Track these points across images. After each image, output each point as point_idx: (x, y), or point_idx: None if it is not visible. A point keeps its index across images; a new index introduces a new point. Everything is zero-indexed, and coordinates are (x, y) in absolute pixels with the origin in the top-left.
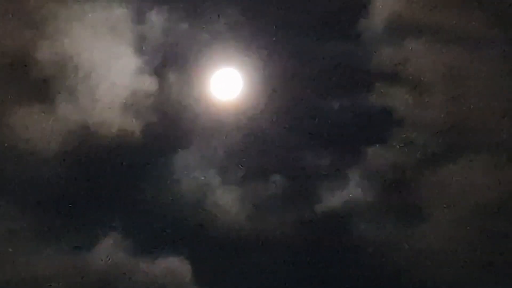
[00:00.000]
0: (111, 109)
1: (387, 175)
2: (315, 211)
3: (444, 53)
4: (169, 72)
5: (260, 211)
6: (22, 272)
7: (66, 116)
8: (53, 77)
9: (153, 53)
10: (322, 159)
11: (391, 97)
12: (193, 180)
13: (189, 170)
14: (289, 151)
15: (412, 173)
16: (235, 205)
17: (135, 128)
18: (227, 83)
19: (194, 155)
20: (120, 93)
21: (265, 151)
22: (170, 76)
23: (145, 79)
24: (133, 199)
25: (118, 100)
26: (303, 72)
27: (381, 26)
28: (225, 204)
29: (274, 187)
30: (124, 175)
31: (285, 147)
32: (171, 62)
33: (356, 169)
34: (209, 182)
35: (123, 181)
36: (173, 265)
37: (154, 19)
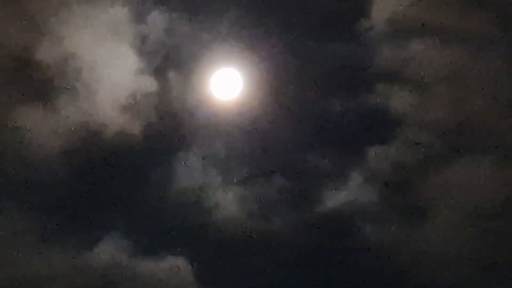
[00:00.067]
0: (112, 109)
1: (389, 176)
2: (317, 212)
3: (446, 53)
4: (169, 72)
5: (261, 211)
6: (25, 272)
7: (68, 116)
8: (54, 78)
9: (154, 53)
10: (324, 160)
11: (393, 97)
12: (194, 180)
13: (190, 170)
14: (291, 152)
15: (415, 174)
16: (236, 206)
17: (136, 128)
18: (227, 83)
19: (195, 155)
20: (121, 93)
21: (266, 152)
22: (170, 76)
23: (146, 79)
24: (134, 199)
25: (119, 101)
26: (304, 73)
27: (383, 26)
28: (226, 204)
29: (276, 188)
30: (125, 175)
31: (287, 148)
32: (171, 62)
33: (358, 169)
34: (210, 182)
35: (124, 181)
36: (174, 265)
37: (155, 19)
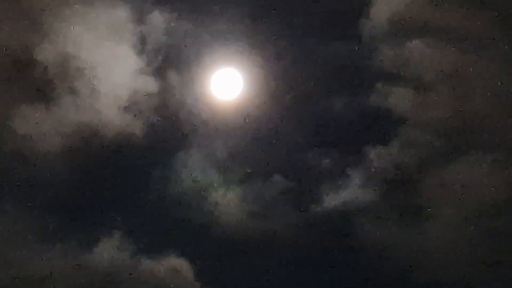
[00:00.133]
0: (113, 109)
1: (390, 175)
2: (317, 212)
3: (446, 53)
4: (170, 72)
5: (262, 211)
6: (25, 272)
7: (68, 116)
8: (55, 78)
9: (154, 53)
10: (325, 159)
11: (394, 97)
12: (195, 180)
13: (191, 170)
14: (291, 151)
15: (415, 173)
16: (237, 205)
17: (136, 128)
18: (227, 83)
19: (196, 155)
20: (122, 93)
21: (267, 151)
22: (171, 76)
23: (146, 79)
24: (135, 199)
25: (120, 101)
26: (305, 72)
27: (383, 26)
28: (227, 204)
29: (276, 188)
30: (126, 175)
31: (287, 147)
32: (172, 63)
33: (358, 169)
34: (210, 182)
35: (124, 181)
36: (175, 264)
37: (155, 20)
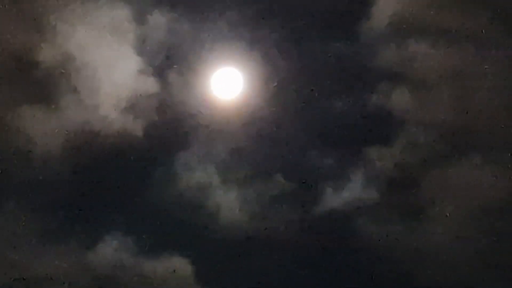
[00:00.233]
0: (114, 109)
1: (391, 176)
2: (318, 212)
3: (448, 53)
4: (170, 72)
5: (262, 211)
6: (26, 272)
7: (68, 117)
8: (56, 79)
9: (155, 53)
10: (325, 159)
11: (395, 97)
12: (195, 180)
13: (191, 170)
14: (292, 151)
15: (416, 174)
16: (237, 206)
17: (137, 128)
18: (228, 83)
19: (196, 155)
20: (122, 93)
21: (267, 151)
22: (171, 76)
23: (146, 79)
24: (136, 199)
25: (120, 101)
26: (305, 72)
27: (384, 26)
28: (227, 204)
29: (277, 187)
30: (126, 176)
31: (288, 147)
32: (172, 62)
33: (359, 169)
34: (211, 182)
35: (125, 181)
36: (175, 265)
37: (156, 20)
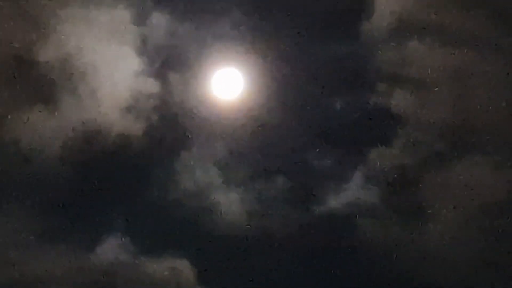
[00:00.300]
0: (114, 110)
1: (391, 176)
2: (318, 212)
3: (447, 53)
4: (170, 73)
5: (263, 211)
6: (25, 273)
7: (69, 117)
8: (56, 79)
9: (155, 54)
10: (326, 160)
11: (395, 97)
12: (196, 181)
13: (192, 171)
14: (292, 152)
15: (416, 174)
16: (238, 206)
17: (137, 129)
18: (228, 83)
19: (197, 156)
20: (123, 94)
21: (268, 151)
22: (171, 76)
23: (147, 80)
24: (136, 199)
25: (121, 101)
26: (306, 73)
27: (384, 26)
28: (228, 204)
29: (277, 188)
30: (126, 176)
31: (288, 148)
32: (172, 63)
33: (359, 169)
34: (211, 183)
35: (125, 181)
36: (176, 265)
37: (156, 20)
